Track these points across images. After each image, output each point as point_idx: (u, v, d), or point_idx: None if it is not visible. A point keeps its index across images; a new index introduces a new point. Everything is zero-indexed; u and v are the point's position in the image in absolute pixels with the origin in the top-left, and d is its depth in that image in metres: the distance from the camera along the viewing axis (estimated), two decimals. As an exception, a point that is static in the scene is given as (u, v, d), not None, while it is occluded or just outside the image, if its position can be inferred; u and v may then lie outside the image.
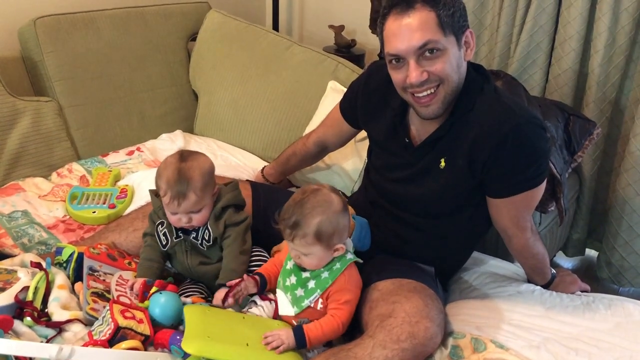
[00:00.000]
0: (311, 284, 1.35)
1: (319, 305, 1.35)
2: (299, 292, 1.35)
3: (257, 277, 1.41)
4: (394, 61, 1.34)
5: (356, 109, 1.62)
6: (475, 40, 1.37)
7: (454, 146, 1.39)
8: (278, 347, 1.26)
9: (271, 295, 1.44)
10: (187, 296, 1.44)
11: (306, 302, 1.35)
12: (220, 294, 1.39)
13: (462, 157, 1.38)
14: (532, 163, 1.35)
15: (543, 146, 1.38)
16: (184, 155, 1.44)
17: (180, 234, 1.47)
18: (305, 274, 1.36)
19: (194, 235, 1.46)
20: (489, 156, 1.34)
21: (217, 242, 1.47)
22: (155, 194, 1.50)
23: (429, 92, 1.33)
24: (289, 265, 1.40)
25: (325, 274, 1.34)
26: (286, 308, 1.38)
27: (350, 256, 1.37)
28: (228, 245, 1.46)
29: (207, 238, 1.46)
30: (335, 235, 1.31)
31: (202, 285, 1.52)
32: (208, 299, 1.46)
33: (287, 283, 1.38)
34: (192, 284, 1.51)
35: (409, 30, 1.28)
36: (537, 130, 1.35)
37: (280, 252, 1.49)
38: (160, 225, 1.49)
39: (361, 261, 1.40)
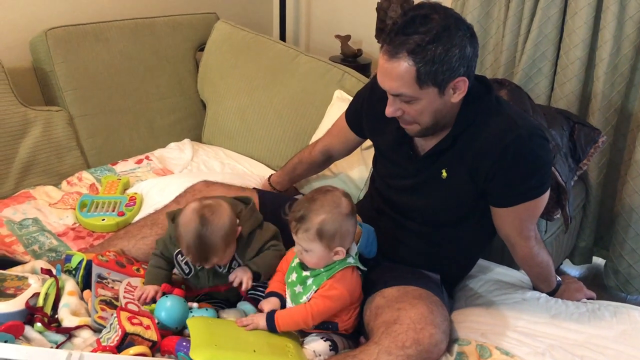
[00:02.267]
0: (309, 281, 1.37)
1: None
2: (298, 288, 1.38)
3: (277, 297, 1.42)
4: None
5: (362, 118, 1.64)
6: (467, 86, 1.32)
7: (457, 158, 1.41)
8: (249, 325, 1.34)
9: None
10: (197, 301, 1.46)
11: (304, 299, 1.37)
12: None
13: (464, 168, 1.39)
14: (534, 173, 1.36)
15: (545, 156, 1.38)
16: (204, 219, 1.36)
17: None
18: (306, 273, 1.38)
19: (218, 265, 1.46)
20: (491, 166, 1.35)
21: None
22: (171, 218, 1.47)
23: (404, 121, 1.39)
24: (294, 262, 1.43)
25: (323, 273, 1.37)
26: (288, 304, 1.41)
27: (351, 260, 1.38)
28: (270, 248, 1.48)
29: (234, 267, 1.46)
30: (337, 236, 1.33)
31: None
32: (216, 305, 1.48)
33: (289, 280, 1.41)
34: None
35: (388, 75, 1.30)
36: (539, 140, 1.36)
37: (284, 257, 1.50)
38: (180, 255, 1.47)
39: (364, 268, 1.41)
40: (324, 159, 1.85)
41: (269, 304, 1.39)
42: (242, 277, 1.42)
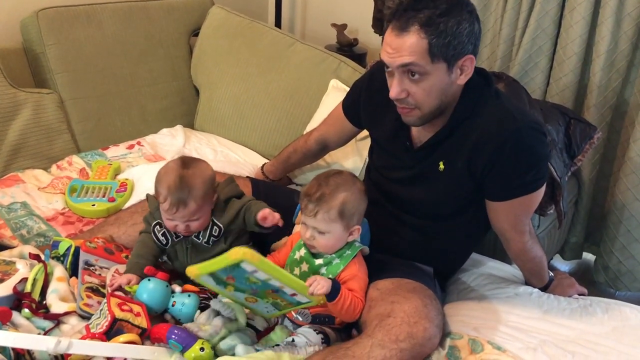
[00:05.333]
0: (323, 270, 1.37)
1: None
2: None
3: None
4: (385, 66, 1.36)
5: (359, 108, 1.62)
6: (474, 66, 1.33)
7: (454, 150, 1.40)
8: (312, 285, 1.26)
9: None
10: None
11: None
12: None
13: (461, 161, 1.39)
14: (531, 168, 1.36)
15: (542, 151, 1.38)
16: (186, 162, 1.43)
17: (181, 234, 1.47)
18: (318, 261, 1.37)
19: (196, 235, 1.46)
20: (488, 160, 1.35)
21: (226, 234, 1.46)
22: (154, 196, 1.49)
23: (404, 107, 1.36)
24: (298, 255, 1.41)
25: (336, 260, 1.36)
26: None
27: (358, 244, 1.39)
28: (254, 204, 1.45)
29: (216, 234, 1.45)
30: (355, 215, 1.35)
31: None
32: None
33: (296, 272, 1.40)
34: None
35: (398, 50, 1.28)
36: (536, 135, 1.36)
37: (283, 247, 1.49)
38: (158, 226, 1.48)
39: (367, 250, 1.41)
40: (319, 149, 1.84)
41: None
42: (269, 213, 1.39)
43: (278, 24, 2.90)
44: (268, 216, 1.40)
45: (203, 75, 2.44)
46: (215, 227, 1.45)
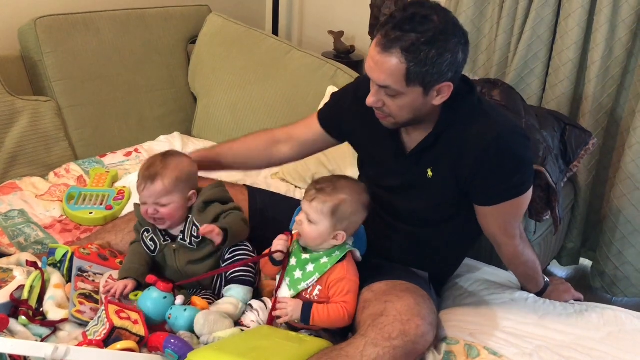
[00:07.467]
0: (309, 267, 1.37)
1: (315, 292, 1.37)
2: (297, 273, 1.38)
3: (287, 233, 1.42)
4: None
5: (341, 118, 1.59)
6: (451, 92, 1.32)
7: (440, 156, 1.41)
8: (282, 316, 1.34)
9: (266, 300, 1.46)
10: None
11: (303, 285, 1.37)
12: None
13: (447, 167, 1.40)
14: (516, 172, 1.37)
15: (525, 155, 1.40)
16: (168, 152, 1.51)
17: (168, 238, 1.48)
18: (305, 256, 1.38)
19: (181, 237, 1.47)
20: (472, 166, 1.36)
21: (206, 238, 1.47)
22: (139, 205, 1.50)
23: (380, 114, 1.39)
24: (292, 248, 1.42)
25: (324, 259, 1.37)
26: (284, 290, 1.40)
27: (349, 246, 1.40)
28: (228, 216, 1.47)
29: (195, 234, 1.46)
30: (346, 220, 1.36)
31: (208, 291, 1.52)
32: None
33: (287, 265, 1.41)
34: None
35: (378, 67, 1.29)
36: (519, 139, 1.38)
37: None
38: (146, 232, 1.50)
39: (359, 255, 1.42)
40: (271, 142, 1.68)
41: (279, 241, 1.40)
42: (212, 227, 1.40)
43: (275, 31, 2.92)
44: (208, 231, 1.39)
45: (200, 83, 2.45)
46: (194, 226, 1.46)
